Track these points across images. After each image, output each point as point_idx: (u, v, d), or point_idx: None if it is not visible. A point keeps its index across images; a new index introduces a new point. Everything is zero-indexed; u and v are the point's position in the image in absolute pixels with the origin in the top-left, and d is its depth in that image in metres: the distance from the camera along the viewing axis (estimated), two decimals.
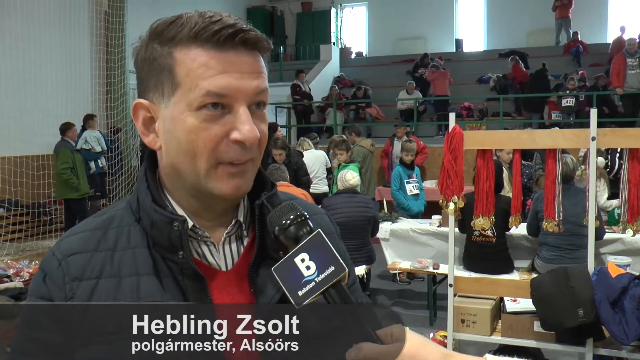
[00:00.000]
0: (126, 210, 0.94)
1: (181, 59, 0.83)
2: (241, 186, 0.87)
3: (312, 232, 0.80)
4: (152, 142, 0.90)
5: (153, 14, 0.83)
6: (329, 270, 0.77)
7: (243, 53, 0.84)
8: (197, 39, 0.83)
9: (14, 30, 8.80)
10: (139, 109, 0.90)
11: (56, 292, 0.86)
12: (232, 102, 0.84)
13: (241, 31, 0.83)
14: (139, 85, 0.91)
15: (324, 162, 8.03)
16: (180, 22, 0.84)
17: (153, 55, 0.86)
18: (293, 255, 0.78)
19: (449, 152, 3.53)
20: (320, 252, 0.78)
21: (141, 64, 0.88)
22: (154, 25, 0.87)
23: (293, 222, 0.81)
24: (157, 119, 0.88)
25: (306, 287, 0.76)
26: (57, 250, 0.91)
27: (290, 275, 0.78)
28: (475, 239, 5.07)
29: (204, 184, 0.86)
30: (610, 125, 9.56)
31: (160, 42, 0.85)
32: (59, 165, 7.54)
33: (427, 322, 5.46)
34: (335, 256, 0.77)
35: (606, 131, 3.38)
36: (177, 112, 0.84)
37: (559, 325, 3.32)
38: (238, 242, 0.94)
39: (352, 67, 17.16)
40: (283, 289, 0.78)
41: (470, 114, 13.06)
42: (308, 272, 0.77)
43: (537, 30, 15.92)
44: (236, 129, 0.84)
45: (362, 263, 5.45)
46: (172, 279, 0.87)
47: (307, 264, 0.77)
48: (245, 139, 0.83)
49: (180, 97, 0.84)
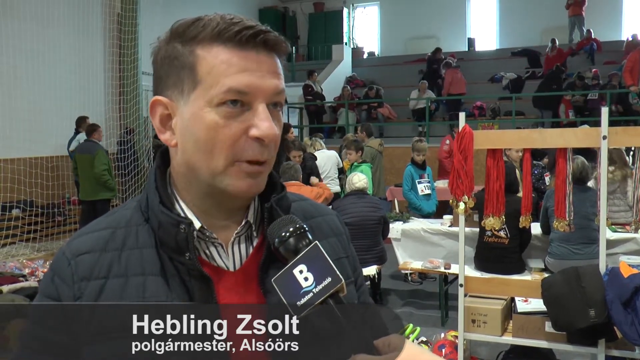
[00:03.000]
0: (136, 210, 0.95)
1: (203, 56, 0.85)
2: (254, 186, 0.88)
3: (310, 244, 0.81)
4: (169, 139, 0.90)
5: (165, 17, 0.83)
6: (326, 281, 0.78)
7: (263, 53, 0.86)
8: (219, 38, 0.84)
9: (29, 33, 8.91)
10: (156, 106, 0.90)
11: (65, 291, 0.87)
12: (252, 100, 0.85)
13: (262, 32, 0.85)
14: (157, 84, 0.92)
15: (336, 162, 8.03)
16: (202, 23, 0.86)
17: (174, 54, 0.87)
18: (292, 267, 0.80)
19: (459, 152, 3.52)
20: (318, 263, 0.79)
21: (161, 62, 0.89)
22: (174, 26, 0.88)
23: (292, 235, 0.82)
24: (174, 116, 0.89)
25: (305, 298, 0.78)
26: (67, 250, 0.92)
27: (288, 286, 0.79)
28: (488, 240, 5.04)
29: (219, 182, 0.87)
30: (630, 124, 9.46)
31: (181, 42, 0.87)
32: (99, 166, 7.55)
33: (439, 322, 5.44)
34: (331, 267, 0.78)
35: (618, 130, 3.34)
36: (196, 109, 0.85)
37: (570, 325, 3.29)
38: (247, 242, 0.95)
39: (364, 67, 17.14)
40: (282, 299, 0.79)
41: (482, 113, 12.99)
42: (306, 283, 0.78)
43: (550, 28, 15.79)
44: (255, 125, 0.85)
45: (373, 263, 5.46)
46: (178, 279, 0.88)
47: (305, 275, 0.79)
48: (265, 136, 0.85)
49: (200, 94, 0.85)
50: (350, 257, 1.05)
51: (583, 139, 3.43)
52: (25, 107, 8.79)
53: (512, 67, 14.26)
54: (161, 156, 0.96)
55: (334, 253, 0.81)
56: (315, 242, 0.81)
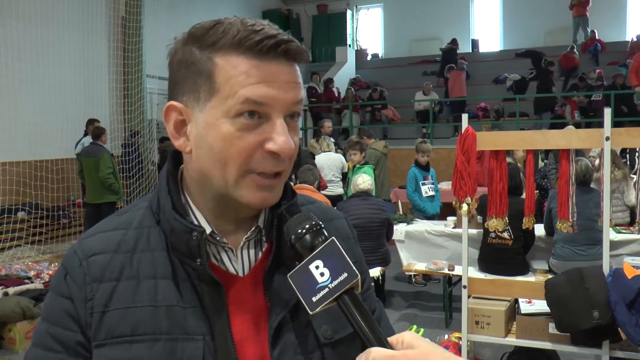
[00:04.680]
0: (147, 210, 0.94)
1: (222, 65, 0.83)
2: (269, 198, 0.87)
3: (327, 240, 0.81)
4: (183, 145, 0.89)
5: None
6: (342, 276, 0.77)
7: (283, 64, 0.84)
8: (239, 47, 0.82)
9: (33, 36, 8.95)
10: (171, 111, 0.89)
11: (76, 291, 0.87)
12: (269, 112, 0.83)
13: (283, 42, 0.83)
14: (172, 88, 0.90)
15: (340, 165, 8.02)
16: (222, 29, 0.83)
17: (191, 59, 0.85)
18: (308, 263, 0.79)
19: (462, 153, 3.52)
20: (334, 259, 0.79)
21: (177, 66, 0.88)
22: (192, 30, 0.86)
23: (309, 231, 0.82)
24: (189, 122, 0.87)
25: (320, 293, 0.77)
26: (78, 249, 0.92)
27: (304, 282, 0.79)
28: (492, 241, 5.04)
29: (232, 192, 0.86)
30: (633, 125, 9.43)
31: (200, 47, 0.85)
32: (105, 170, 7.58)
33: (443, 323, 5.44)
34: (348, 263, 0.78)
35: (620, 131, 3.34)
36: (212, 118, 0.84)
37: (574, 326, 3.29)
38: (257, 247, 0.95)
39: (368, 68, 17.15)
40: (298, 294, 0.79)
41: (486, 114, 12.98)
42: (322, 279, 0.78)
43: (554, 29, 15.78)
44: (272, 139, 0.83)
45: (377, 265, 5.47)
46: (189, 284, 0.88)
47: (322, 270, 0.78)
48: (281, 151, 0.83)
49: (217, 103, 0.83)
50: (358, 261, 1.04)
51: (586, 140, 3.43)
52: (29, 110, 8.83)
53: (515, 68, 14.23)
54: (173, 159, 0.95)
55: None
56: (332, 238, 0.80)
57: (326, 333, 0.91)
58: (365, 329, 0.75)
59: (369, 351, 0.73)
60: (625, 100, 11.27)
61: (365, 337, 0.75)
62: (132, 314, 0.85)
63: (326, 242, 0.80)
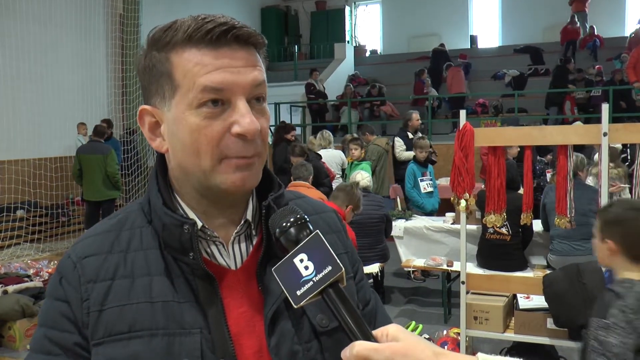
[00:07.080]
0: (139, 212, 0.96)
1: (178, 62, 0.86)
2: (247, 178, 0.88)
3: (311, 234, 0.81)
4: (160, 145, 0.92)
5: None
6: (326, 270, 0.77)
7: (237, 49, 0.86)
8: (190, 41, 0.85)
9: (31, 35, 8.94)
10: (144, 115, 0.92)
11: (72, 293, 0.89)
12: (231, 97, 0.85)
13: (233, 28, 0.85)
14: (143, 93, 0.94)
15: (340, 162, 8.02)
16: (175, 27, 0.86)
17: (152, 62, 0.89)
18: (292, 256, 0.80)
19: (460, 149, 3.53)
20: (319, 252, 0.79)
21: (142, 72, 0.91)
22: (151, 34, 0.89)
23: (293, 225, 0.82)
24: (162, 122, 0.91)
25: (305, 287, 0.77)
26: (72, 253, 0.93)
27: (289, 275, 0.79)
28: (490, 237, 5.04)
29: (211, 180, 0.87)
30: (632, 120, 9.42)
31: (157, 49, 0.88)
32: (114, 166, 7.62)
33: (442, 319, 5.45)
34: (332, 256, 0.78)
35: (618, 126, 3.34)
36: (178, 113, 0.86)
37: (572, 322, 3.29)
38: (247, 241, 0.96)
39: (366, 65, 17.14)
40: (282, 288, 0.79)
41: (485, 110, 12.97)
42: (306, 272, 0.78)
43: (553, 25, 15.76)
44: (236, 122, 0.85)
45: (375, 261, 5.47)
46: (183, 279, 0.89)
47: (306, 264, 0.78)
48: (246, 132, 0.85)
49: (180, 98, 0.86)
50: (349, 252, 1.06)
51: (583, 135, 3.43)
52: (28, 109, 8.84)
53: (514, 64, 14.23)
54: (160, 160, 0.97)
55: (333, 250, 0.82)
56: (316, 232, 0.81)
57: (322, 322, 0.92)
58: (350, 322, 0.75)
59: (352, 345, 0.73)
60: (624, 96, 11.27)
61: (350, 331, 0.75)
62: (128, 311, 0.86)
63: (310, 235, 0.81)
